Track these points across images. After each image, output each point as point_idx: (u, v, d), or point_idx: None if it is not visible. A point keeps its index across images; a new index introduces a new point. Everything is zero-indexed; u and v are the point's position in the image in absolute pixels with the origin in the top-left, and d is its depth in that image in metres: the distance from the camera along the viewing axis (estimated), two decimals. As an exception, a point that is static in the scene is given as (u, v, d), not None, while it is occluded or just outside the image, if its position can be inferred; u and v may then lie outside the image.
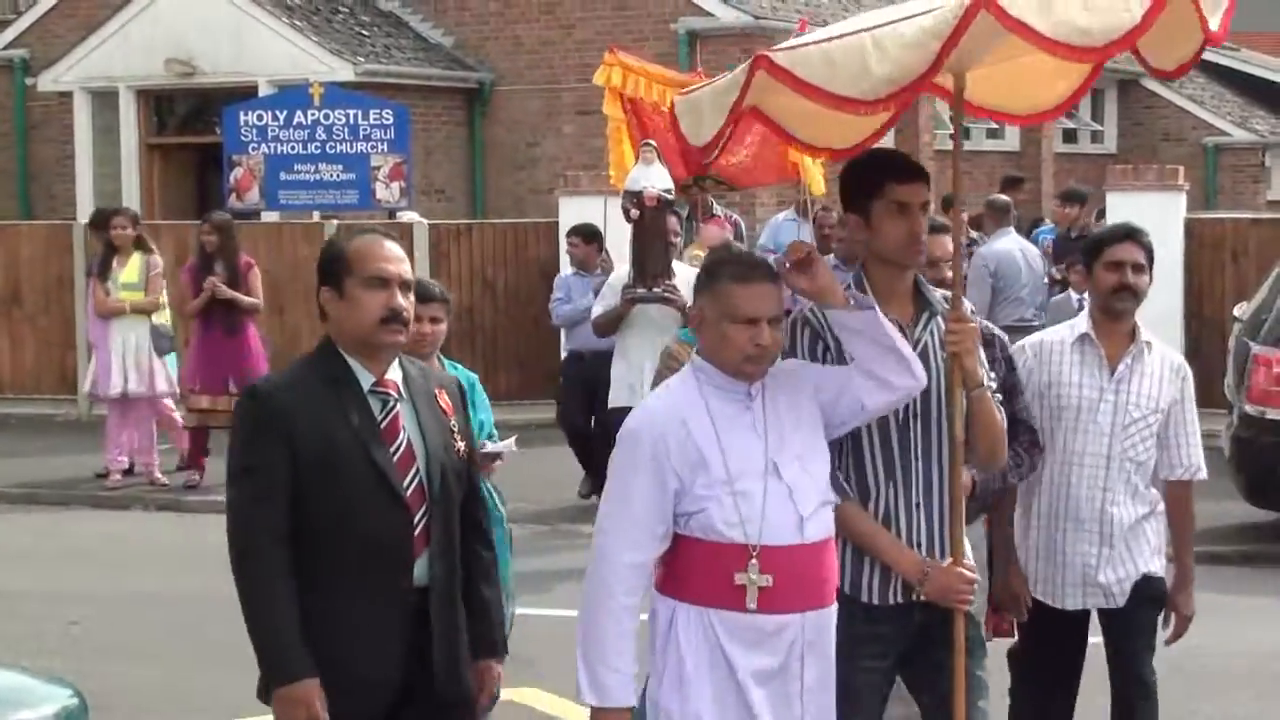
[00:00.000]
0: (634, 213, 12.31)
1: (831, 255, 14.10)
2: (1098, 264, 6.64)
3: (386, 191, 20.76)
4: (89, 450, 16.37)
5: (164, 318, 15.71)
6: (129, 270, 15.49)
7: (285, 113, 21.01)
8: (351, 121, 20.77)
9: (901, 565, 5.45)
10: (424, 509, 5.12)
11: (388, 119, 20.85)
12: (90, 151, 25.76)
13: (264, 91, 23.44)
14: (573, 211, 17.47)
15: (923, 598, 5.46)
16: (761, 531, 5.01)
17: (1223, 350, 14.30)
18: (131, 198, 24.31)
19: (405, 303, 5.13)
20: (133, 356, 15.44)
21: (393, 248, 5.19)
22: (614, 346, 13.37)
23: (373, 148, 20.73)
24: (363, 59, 23.89)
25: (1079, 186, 18.74)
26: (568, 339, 15.55)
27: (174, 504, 15.25)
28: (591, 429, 14.22)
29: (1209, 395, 10.94)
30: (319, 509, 5.02)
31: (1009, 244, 15.20)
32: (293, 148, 20.88)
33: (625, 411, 5.66)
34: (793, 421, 5.17)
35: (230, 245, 15.34)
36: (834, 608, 5.20)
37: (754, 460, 5.07)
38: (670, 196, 12.34)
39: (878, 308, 5.26)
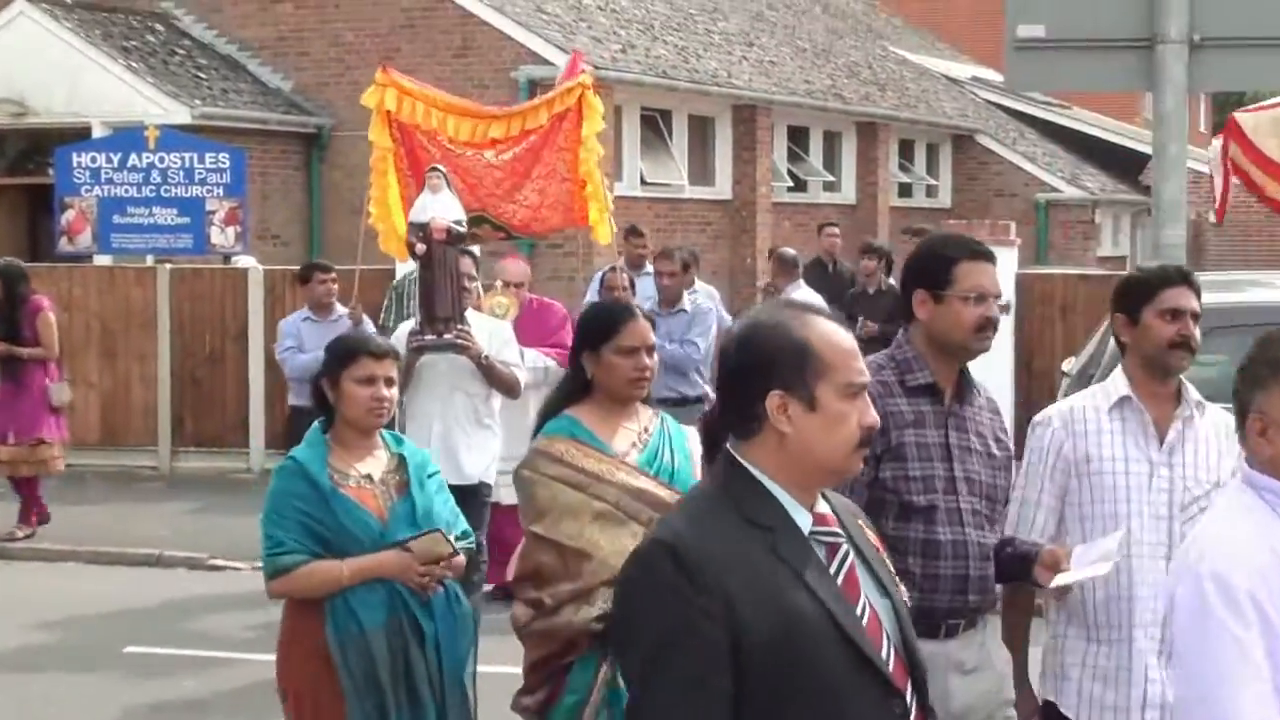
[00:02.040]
0: (420, 247, 10.59)
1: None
2: (1148, 311, 5.50)
3: (222, 236, 20.58)
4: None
5: None
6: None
7: (119, 155, 20.77)
8: (187, 164, 20.58)
9: None
10: (909, 694, 3.69)
11: (224, 162, 20.67)
12: (-81, 191, 25.29)
13: (98, 133, 23.12)
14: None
15: None
16: None
17: (1052, 403, 14.45)
18: (-40, 238, 23.91)
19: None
20: None
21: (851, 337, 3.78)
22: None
23: (208, 191, 20.55)
24: (200, 102, 23.66)
25: (874, 241, 19.11)
26: (298, 393, 13.39)
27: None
28: None
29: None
30: (785, 711, 3.53)
31: (803, 297, 15.10)
32: (127, 190, 20.64)
33: None
34: None
35: (12, 293, 15.01)
36: None
37: None
38: (462, 229, 10.75)
39: None
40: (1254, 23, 6.80)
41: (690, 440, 6.19)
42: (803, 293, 15.18)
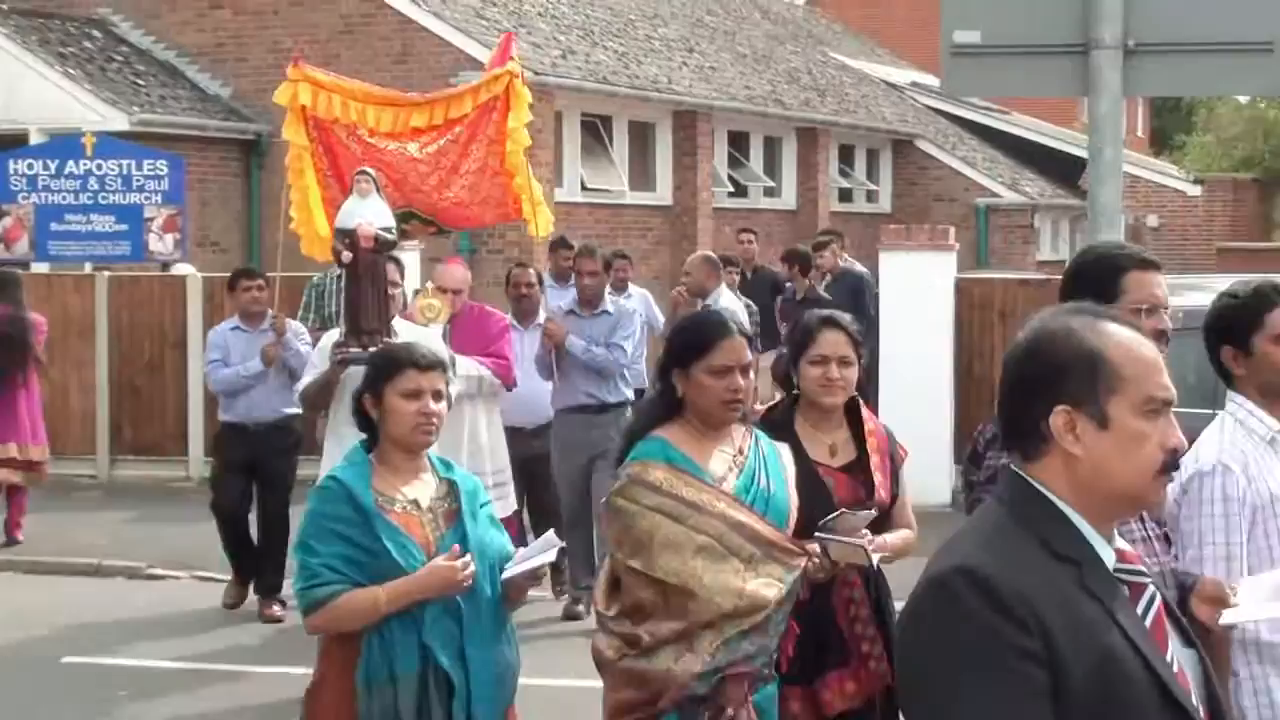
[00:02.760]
0: (346, 255, 10.10)
1: (549, 309, 12.69)
2: (1260, 339, 5.22)
3: (160, 243, 20.46)
4: None
5: None
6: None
7: (56, 162, 20.62)
8: (125, 172, 20.45)
9: None
10: None
11: (162, 170, 20.56)
12: None
13: (35, 140, 22.96)
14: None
15: None
16: None
17: (991, 408, 14.46)
18: (-105, 247, 23.72)
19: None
20: None
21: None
22: (292, 419, 12.54)
23: (146, 199, 20.42)
24: (138, 108, 23.55)
25: (800, 246, 19.14)
26: (225, 408, 13.20)
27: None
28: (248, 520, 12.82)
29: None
30: None
31: (730, 302, 15.07)
32: (64, 198, 20.49)
33: None
34: None
35: None
36: None
37: None
38: (391, 236, 10.30)
39: None
40: (1187, 29, 6.86)
41: (784, 459, 5.90)
42: (727, 298, 15.16)
